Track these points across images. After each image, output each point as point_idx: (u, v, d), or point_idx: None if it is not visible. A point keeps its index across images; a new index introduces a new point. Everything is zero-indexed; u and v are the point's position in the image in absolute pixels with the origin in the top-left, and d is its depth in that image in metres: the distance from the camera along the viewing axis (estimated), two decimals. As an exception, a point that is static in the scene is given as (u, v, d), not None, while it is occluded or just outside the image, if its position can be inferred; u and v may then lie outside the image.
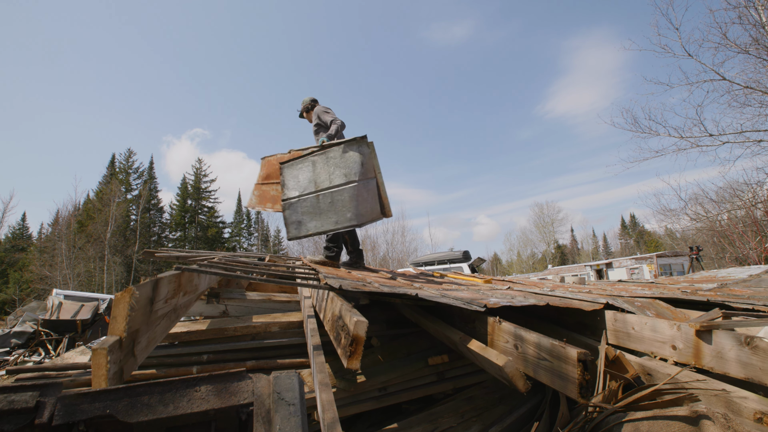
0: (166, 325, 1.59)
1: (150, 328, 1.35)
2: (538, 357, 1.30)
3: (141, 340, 1.26)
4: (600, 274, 20.31)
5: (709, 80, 8.13)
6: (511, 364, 1.28)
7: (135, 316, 1.17)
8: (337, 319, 1.42)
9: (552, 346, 1.23)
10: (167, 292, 1.51)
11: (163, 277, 1.45)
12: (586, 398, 1.12)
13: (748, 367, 1.33)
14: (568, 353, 1.17)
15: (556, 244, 52.29)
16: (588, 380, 1.12)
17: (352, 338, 1.15)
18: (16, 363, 5.28)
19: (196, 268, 1.74)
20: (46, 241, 30.20)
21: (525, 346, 1.37)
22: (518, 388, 1.26)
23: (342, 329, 1.30)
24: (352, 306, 1.43)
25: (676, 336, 1.60)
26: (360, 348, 1.16)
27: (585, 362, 1.13)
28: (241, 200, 45.08)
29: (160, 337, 1.53)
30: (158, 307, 1.41)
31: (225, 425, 0.79)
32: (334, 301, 1.65)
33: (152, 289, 1.35)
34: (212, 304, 2.68)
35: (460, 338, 1.64)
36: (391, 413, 2.13)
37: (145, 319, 1.29)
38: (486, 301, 1.80)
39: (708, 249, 17.84)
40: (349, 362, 1.16)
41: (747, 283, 3.59)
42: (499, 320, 1.55)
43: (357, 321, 1.17)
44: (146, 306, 1.29)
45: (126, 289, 1.17)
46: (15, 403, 0.67)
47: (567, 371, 1.17)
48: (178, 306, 1.73)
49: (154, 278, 1.39)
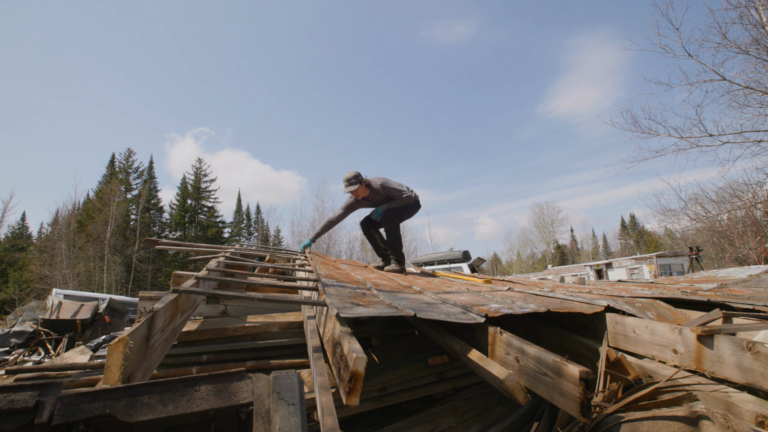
0: (164, 347, 1.53)
1: (146, 360, 1.30)
2: (538, 372, 1.28)
3: (137, 375, 1.22)
4: (600, 274, 20.32)
5: (709, 80, 8.14)
6: (512, 378, 1.26)
7: (130, 363, 1.13)
8: (336, 344, 1.36)
9: (554, 362, 1.21)
10: (164, 321, 1.45)
11: (158, 310, 1.40)
12: (587, 417, 1.10)
13: (750, 372, 1.33)
14: (570, 371, 1.14)
15: (555, 244, 52.31)
16: (589, 399, 1.10)
17: (351, 374, 1.09)
18: (16, 362, 5.28)
19: (194, 290, 1.68)
20: (46, 241, 30.19)
21: (526, 359, 1.35)
22: (518, 401, 1.25)
23: (341, 359, 1.24)
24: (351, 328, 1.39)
25: (677, 340, 1.60)
26: (359, 384, 1.10)
27: (587, 381, 1.11)
28: (242, 200, 45.17)
29: (157, 362, 1.47)
30: (155, 340, 1.36)
31: (225, 425, 0.79)
32: (331, 319, 1.57)
33: (148, 327, 1.29)
34: (212, 304, 2.67)
35: (460, 347, 1.62)
36: (391, 413, 2.13)
37: (141, 358, 1.24)
38: (486, 309, 1.79)
39: (708, 249, 17.85)
40: (348, 399, 1.10)
41: (747, 283, 3.60)
42: (500, 331, 1.53)
43: (356, 358, 1.11)
44: (142, 346, 1.24)
45: (119, 339, 1.11)
46: (15, 402, 0.67)
47: (568, 389, 1.15)
48: (176, 327, 1.67)
49: (149, 314, 1.33)
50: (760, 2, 7.53)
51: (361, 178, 4.20)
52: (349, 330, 1.33)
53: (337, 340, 1.32)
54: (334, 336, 1.38)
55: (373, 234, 4.57)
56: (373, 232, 4.57)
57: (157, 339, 1.38)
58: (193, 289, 1.69)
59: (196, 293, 1.69)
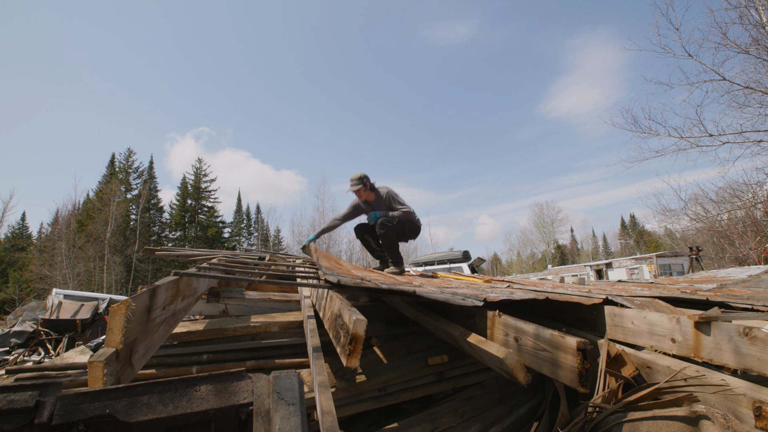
0: (165, 330, 1.56)
1: (147, 336, 1.33)
2: (537, 348, 1.31)
3: (138, 349, 1.24)
4: (600, 274, 20.33)
5: (709, 80, 8.14)
6: (512, 356, 1.28)
7: (132, 327, 1.15)
8: (336, 317, 1.41)
9: (551, 336, 1.24)
10: (165, 299, 1.48)
11: (160, 285, 1.42)
12: (585, 387, 1.12)
13: (747, 357, 1.33)
14: (568, 342, 1.18)
15: (555, 244, 52.32)
16: (588, 369, 1.13)
17: (351, 337, 1.15)
18: (16, 362, 5.28)
19: (195, 273, 1.72)
20: (46, 241, 30.20)
21: (524, 337, 1.38)
22: (519, 381, 1.26)
23: (341, 327, 1.30)
24: (351, 305, 1.43)
25: (675, 329, 1.60)
26: (359, 346, 1.16)
27: (584, 351, 1.14)
28: (242, 200, 45.17)
29: (158, 343, 1.50)
30: (156, 314, 1.39)
31: (225, 425, 0.79)
32: (333, 299, 1.63)
33: (149, 298, 1.32)
34: (212, 304, 2.68)
35: (460, 333, 1.64)
36: (391, 413, 2.14)
37: (143, 328, 1.27)
38: (485, 296, 1.81)
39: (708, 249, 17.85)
40: (348, 361, 1.16)
41: (747, 284, 3.60)
42: (498, 314, 1.55)
43: (356, 320, 1.16)
44: (143, 315, 1.27)
45: (122, 301, 1.14)
46: (15, 402, 0.67)
47: (567, 360, 1.18)
48: (177, 311, 1.71)
49: (151, 287, 1.36)
50: (760, 2, 7.53)
51: (365, 181, 4.20)
52: (350, 303, 1.37)
53: (338, 313, 1.37)
54: (335, 311, 1.44)
55: (367, 238, 4.57)
56: (367, 237, 4.56)
57: (157, 314, 1.41)
58: (192, 272, 1.72)
59: (196, 275, 1.73)
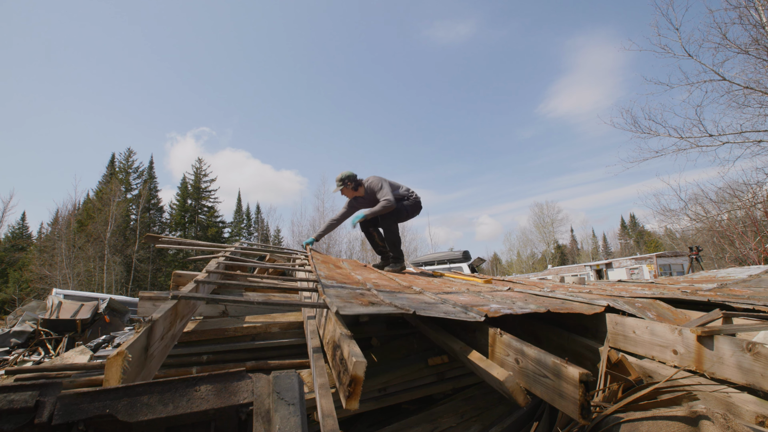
0: (163, 354, 1.50)
1: (145, 369, 1.28)
2: (538, 373, 1.28)
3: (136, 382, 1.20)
4: (600, 274, 20.31)
5: (709, 80, 8.14)
6: (512, 380, 1.26)
7: (129, 375, 1.11)
8: (335, 347, 1.35)
9: (554, 364, 1.20)
10: (163, 330, 1.43)
11: (158, 319, 1.38)
12: (587, 419, 1.10)
13: (750, 373, 1.33)
14: (570, 373, 1.14)
15: (555, 244, 52.29)
16: (589, 401, 1.10)
17: (351, 378, 1.08)
18: (16, 362, 5.28)
19: (194, 296, 1.67)
20: (46, 241, 30.18)
21: (526, 360, 1.35)
22: (518, 403, 1.24)
23: (341, 362, 1.23)
24: (350, 334, 1.36)
25: (677, 341, 1.60)
26: (359, 388, 1.08)
27: (587, 383, 1.11)
28: (242, 200, 45.16)
29: (156, 369, 1.44)
30: (154, 348, 1.34)
31: (224, 425, 0.79)
32: (331, 321, 1.56)
33: (147, 338, 1.27)
34: (212, 305, 2.67)
35: (460, 348, 1.62)
36: (391, 413, 2.13)
37: (140, 369, 1.22)
38: (486, 309, 1.78)
39: (708, 249, 17.85)
40: (348, 403, 1.09)
41: (747, 284, 3.60)
42: (500, 332, 1.53)
43: (356, 362, 1.09)
44: (141, 357, 1.22)
45: (118, 353, 1.08)
46: (15, 402, 0.67)
47: (568, 391, 1.14)
48: (176, 332, 1.65)
49: (148, 324, 1.31)
50: (759, 2, 7.54)
51: (347, 182, 4.22)
52: (349, 333, 1.33)
53: (337, 343, 1.31)
54: (334, 338, 1.38)
55: (371, 232, 4.58)
56: (371, 230, 4.57)
57: (156, 348, 1.37)
58: (192, 295, 1.67)
59: (195, 299, 1.67)
